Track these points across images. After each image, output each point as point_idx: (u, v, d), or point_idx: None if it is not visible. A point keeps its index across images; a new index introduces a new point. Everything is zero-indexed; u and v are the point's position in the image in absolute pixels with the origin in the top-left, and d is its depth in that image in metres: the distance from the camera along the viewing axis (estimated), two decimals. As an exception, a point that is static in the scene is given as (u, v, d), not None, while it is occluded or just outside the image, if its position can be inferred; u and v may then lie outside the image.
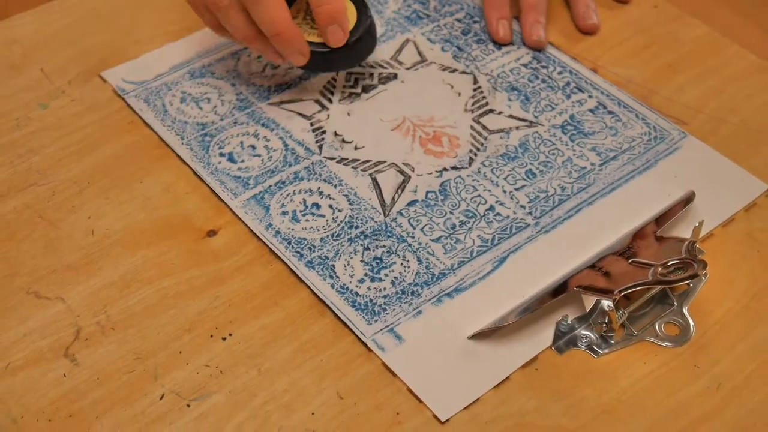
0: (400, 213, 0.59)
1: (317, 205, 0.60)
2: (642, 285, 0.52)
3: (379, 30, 0.72)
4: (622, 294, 0.52)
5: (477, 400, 0.51)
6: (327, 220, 0.59)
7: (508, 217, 0.59)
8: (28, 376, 0.52)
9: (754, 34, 0.73)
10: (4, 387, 0.51)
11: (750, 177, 0.62)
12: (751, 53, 0.71)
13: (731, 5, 0.76)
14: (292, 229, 0.59)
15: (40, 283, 0.56)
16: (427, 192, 0.61)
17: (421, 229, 0.59)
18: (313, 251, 0.57)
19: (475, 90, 0.67)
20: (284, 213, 0.59)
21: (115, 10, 0.74)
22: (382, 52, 0.70)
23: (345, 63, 0.66)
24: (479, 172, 0.62)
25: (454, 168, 0.62)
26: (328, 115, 0.66)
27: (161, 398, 0.51)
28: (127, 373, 0.52)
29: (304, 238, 0.58)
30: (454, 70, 0.69)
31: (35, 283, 0.56)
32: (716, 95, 0.68)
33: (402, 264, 0.57)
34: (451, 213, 0.60)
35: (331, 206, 0.60)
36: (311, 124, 0.65)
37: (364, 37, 0.65)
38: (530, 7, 0.71)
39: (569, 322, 0.54)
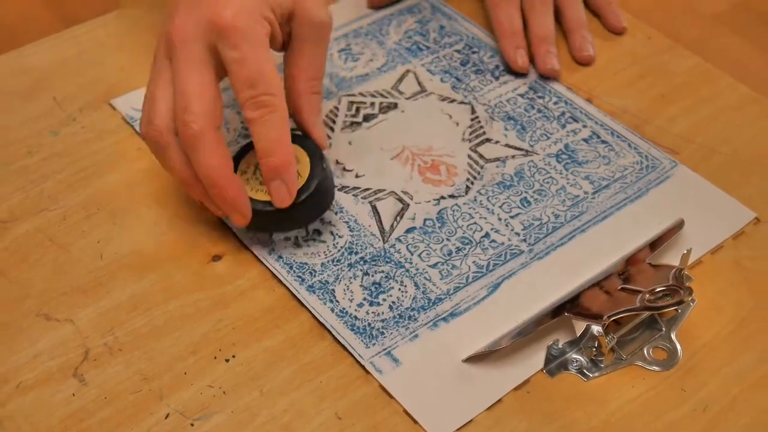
0: (398, 239, 0.61)
1: (318, 231, 0.62)
2: (630, 311, 0.54)
3: (381, 60, 0.74)
4: (612, 319, 0.54)
5: (470, 421, 0.53)
6: (328, 246, 0.61)
7: (503, 243, 0.61)
8: (38, 395, 0.54)
9: (751, 54, 0.75)
10: (15, 406, 0.53)
11: (739, 206, 0.64)
12: (742, 84, 0.73)
13: (730, 26, 0.78)
14: (294, 255, 0.60)
15: (50, 306, 0.58)
16: (425, 219, 0.63)
17: (419, 255, 0.61)
18: (314, 276, 0.59)
19: (472, 120, 0.69)
20: (287, 239, 0.61)
21: (124, 39, 0.76)
22: (383, 82, 0.72)
23: (291, 224, 0.60)
24: (475, 200, 0.64)
25: (452, 196, 0.64)
26: (330, 144, 0.67)
27: (166, 417, 0.53)
28: (134, 393, 0.54)
29: (306, 263, 0.60)
30: (453, 101, 0.71)
31: (45, 305, 0.58)
32: (708, 126, 0.70)
33: (400, 289, 0.59)
34: (447, 240, 0.61)
35: (332, 232, 0.62)
36: (313, 152, 0.67)
37: (312, 196, 0.58)
38: (541, 39, 0.74)
39: (560, 346, 0.56)
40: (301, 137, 0.61)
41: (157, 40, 0.58)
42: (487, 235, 0.62)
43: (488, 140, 0.68)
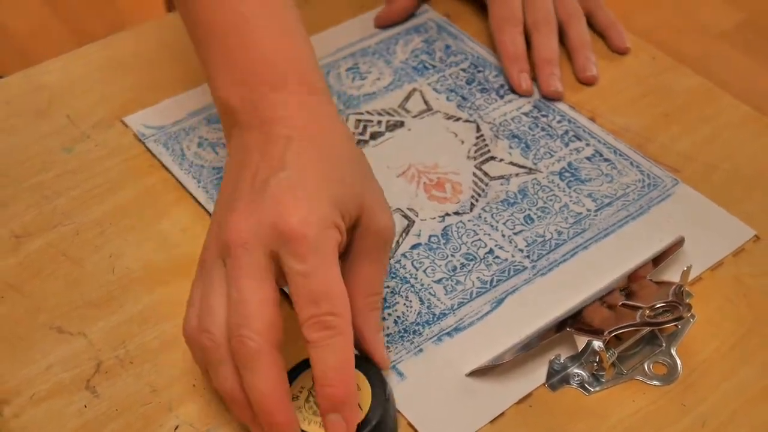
0: (404, 255, 0.63)
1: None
2: (630, 327, 0.55)
3: (388, 79, 0.75)
4: (612, 335, 0.55)
5: (474, 434, 0.54)
6: (335, 262, 0.62)
7: (506, 260, 0.62)
8: (50, 407, 0.55)
9: (757, 69, 0.76)
10: (28, 417, 0.54)
11: (739, 223, 0.65)
12: (744, 103, 0.74)
13: (736, 42, 0.79)
14: (302, 270, 0.61)
15: (63, 319, 0.59)
16: (430, 236, 0.64)
17: (424, 271, 0.62)
18: (321, 291, 0.60)
19: (477, 138, 0.71)
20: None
21: (136, 58, 0.77)
22: (390, 100, 0.73)
23: None
24: (480, 217, 0.65)
25: (456, 213, 0.65)
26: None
27: (176, 429, 0.54)
28: (144, 405, 0.55)
29: (313, 279, 0.61)
30: (458, 119, 0.72)
31: (58, 318, 0.59)
32: (710, 144, 0.71)
33: (405, 304, 0.60)
34: (452, 256, 0.63)
35: (338, 248, 0.63)
36: (321, 169, 0.68)
37: (374, 431, 0.51)
38: (545, 61, 0.75)
39: (562, 360, 0.57)
40: (360, 358, 0.53)
41: (208, 236, 0.53)
42: (491, 251, 0.63)
43: (493, 158, 0.69)
